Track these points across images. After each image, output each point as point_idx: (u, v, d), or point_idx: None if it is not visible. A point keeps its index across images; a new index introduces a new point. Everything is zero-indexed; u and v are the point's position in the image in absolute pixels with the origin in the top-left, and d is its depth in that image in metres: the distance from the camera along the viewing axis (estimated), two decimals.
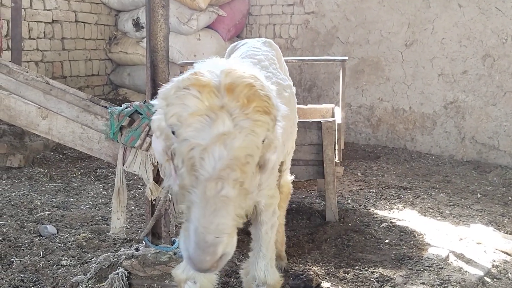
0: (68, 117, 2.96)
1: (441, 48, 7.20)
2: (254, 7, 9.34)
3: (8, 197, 4.78)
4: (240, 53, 3.02)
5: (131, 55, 8.65)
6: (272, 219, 2.51)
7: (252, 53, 2.98)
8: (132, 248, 3.23)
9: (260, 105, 1.51)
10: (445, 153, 7.23)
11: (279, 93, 2.78)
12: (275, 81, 2.83)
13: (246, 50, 3.04)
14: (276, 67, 3.01)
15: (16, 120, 3.06)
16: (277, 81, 2.86)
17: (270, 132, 1.58)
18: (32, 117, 3.01)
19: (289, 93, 2.98)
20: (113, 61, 9.08)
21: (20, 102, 3.02)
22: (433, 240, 4.06)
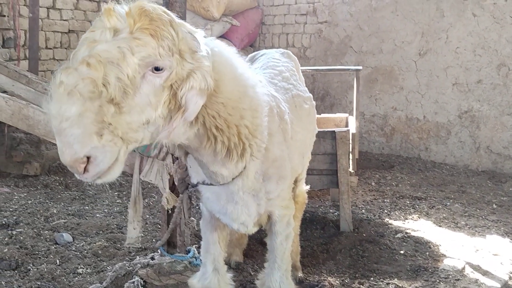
0: None
1: (455, 58, 7.17)
2: (267, 16, 9.40)
3: (25, 205, 4.83)
4: (261, 64, 3.04)
5: None
6: (286, 230, 2.52)
7: (273, 64, 3.00)
8: (148, 257, 3.25)
9: (147, 27, 1.53)
10: (459, 163, 7.18)
11: (300, 105, 2.80)
12: (296, 93, 2.84)
13: (267, 61, 3.06)
14: (296, 78, 3.03)
15: (34, 130, 3.11)
16: (298, 93, 2.87)
17: (164, 58, 1.56)
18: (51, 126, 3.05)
19: (309, 105, 2.99)
20: None
21: (39, 111, 3.07)
22: (448, 251, 4.02)
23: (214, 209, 2.39)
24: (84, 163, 1.46)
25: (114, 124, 1.47)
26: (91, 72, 1.44)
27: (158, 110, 1.59)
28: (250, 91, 2.01)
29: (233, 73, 1.91)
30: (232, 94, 1.87)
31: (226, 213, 2.32)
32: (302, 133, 2.72)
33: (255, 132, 2.02)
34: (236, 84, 1.91)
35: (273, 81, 2.76)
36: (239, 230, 2.41)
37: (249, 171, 2.16)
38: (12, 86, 3.42)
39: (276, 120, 2.33)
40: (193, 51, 1.66)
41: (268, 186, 2.28)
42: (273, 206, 2.41)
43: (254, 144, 2.03)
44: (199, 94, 1.66)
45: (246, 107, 1.95)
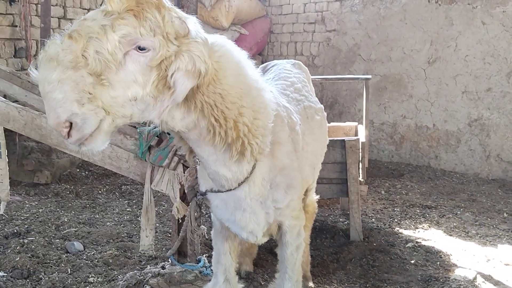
0: None
1: (464, 66, 7.16)
2: (275, 25, 9.44)
3: (36, 213, 4.87)
4: (273, 75, 3.05)
5: None
6: (297, 240, 2.52)
7: (285, 75, 3.01)
8: (158, 266, 3.27)
9: (132, 8, 1.62)
10: (469, 171, 7.14)
11: (312, 116, 2.81)
12: (308, 105, 2.85)
13: (279, 72, 3.07)
14: (308, 89, 3.04)
15: (47, 139, 3.14)
16: (310, 104, 2.88)
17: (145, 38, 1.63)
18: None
19: (321, 116, 3.00)
20: None
21: None
22: (459, 260, 4.00)
23: (223, 217, 2.40)
24: (67, 128, 1.59)
25: (95, 95, 1.58)
26: (71, 43, 1.57)
27: (146, 88, 1.67)
28: (254, 92, 2.03)
29: (237, 70, 1.95)
30: (233, 89, 1.92)
31: (235, 221, 2.33)
32: (313, 145, 2.72)
33: (255, 132, 2.03)
34: (239, 81, 1.95)
35: (285, 92, 2.78)
36: (248, 239, 2.41)
37: (255, 177, 2.17)
38: (25, 97, 3.46)
39: (286, 130, 2.34)
40: (180, 34, 1.71)
41: (275, 194, 2.29)
42: (283, 216, 2.41)
43: (254, 144, 2.03)
44: (185, 75, 1.71)
45: (247, 106, 1.98)
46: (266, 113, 2.08)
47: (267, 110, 2.10)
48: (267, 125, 2.09)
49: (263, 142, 2.08)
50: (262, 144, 2.07)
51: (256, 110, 2.02)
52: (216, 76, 1.85)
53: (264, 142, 2.09)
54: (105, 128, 1.64)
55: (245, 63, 2.02)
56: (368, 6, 8.09)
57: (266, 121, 2.08)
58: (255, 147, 2.04)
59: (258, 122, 2.03)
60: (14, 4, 6.71)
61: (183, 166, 2.88)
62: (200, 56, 1.74)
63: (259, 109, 2.04)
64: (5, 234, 4.21)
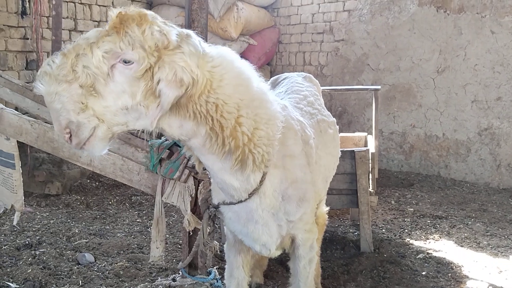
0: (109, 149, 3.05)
1: (474, 75, 7.14)
2: (284, 35, 9.48)
3: (47, 224, 4.90)
4: (285, 88, 3.07)
5: None
6: (310, 253, 2.52)
7: (297, 88, 3.03)
8: (169, 278, 3.27)
9: (116, 26, 1.77)
10: (480, 180, 7.10)
11: (325, 130, 2.83)
12: (321, 118, 2.86)
13: (291, 85, 3.09)
14: (320, 103, 3.06)
15: (59, 152, 3.17)
16: (323, 118, 2.90)
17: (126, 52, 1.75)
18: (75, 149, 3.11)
19: (334, 130, 3.01)
20: None
21: None
22: (471, 272, 3.97)
23: (237, 230, 2.42)
24: (68, 134, 1.79)
25: (88, 105, 1.75)
26: (64, 60, 1.75)
27: (136, 98, 1.79)
28: (256, 103, 2.04)
29: (236, 80, 1.98)
30: (230, 99, 1.94)
31: (248, 233, 2.34)
32: (326, 158, 2.74)
33: (257, 142, 2.04)
34: (237, 91, 1.97)
35: (299, 105, 2.80)
36: (262, 252, 2.42)
37: (266, 188, 2.19)
38: (37, 110, 3.50)
39: (299, 143, 2.35)
40: (161, 46, 1.79)
41: (287, 207, 2.29)
42: (296, 230, 2.42)
43: (256, 153, 2.05)
44: (168, 85, 1.78)
45: (246, 116, 1.99)
46: (270, 124, 2.09)
47: (272, 121, 2.10)
48: (272, 136, 2.10)
49: (267, 152, 2.09)
50: (266, 154, 2.08)
51: (258, 121, 2.04)
52: (210, 86, 1.89)
53: (269, 152, 2.10)
54: (99, 134, 1.80)
55: (247, 74, 2.04)
56: (376, 16, 8.11)
57: (271, 132, 2.09)
58: (257, 156, 2.06)
59: (260, 132, 2.05)
60: (25, 17, 6.81)
61: (194, 179, 2.90)
62: (184, 66, 1.80)
63: (262, 120, 2.05)
64: (17, 245, 4.24)
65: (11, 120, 3.20)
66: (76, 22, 7.68)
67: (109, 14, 1.83)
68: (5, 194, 3.32)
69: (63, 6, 7.05)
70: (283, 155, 2.25)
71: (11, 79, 3.50)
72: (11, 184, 3.27)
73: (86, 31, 1.87)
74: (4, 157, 3.23)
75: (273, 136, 2.10)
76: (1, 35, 6.51)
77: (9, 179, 3.26)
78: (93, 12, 7.98)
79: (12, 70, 6.61)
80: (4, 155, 3.23)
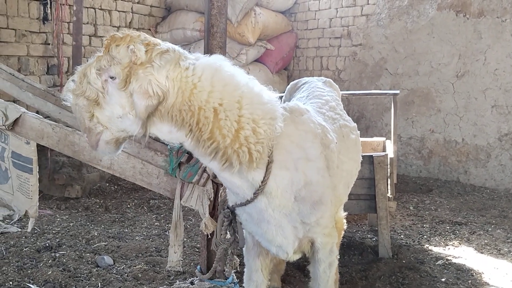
0: (129, 153, 3.09)
1: (494, 79, 7.05)
2: (301, 40, 9.48)
3: (67, 227, 4.96)
4: (307, 93, 3.08)
5: None
6: (329, 257, 2.51)
7: (319, 93, 3.04)
8: (187, 282, 3.28)
9: (105, 47, 2.05)
10: (500, 186, 6.99)
11: (347, 135, 2.83)
12: (343, 123, 2.86)
13: (312, 90, 3.10)
14: (341, 108, 3.06)
15: (79, 156, 3.21)
16: (345, 123, 2.90)
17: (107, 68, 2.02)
18: (95, 153, 3.15)
19: (356, 135, 3.01)
20: None
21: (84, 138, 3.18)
22: (491, 279, 3.91)
23: (253, 230, 2.47)
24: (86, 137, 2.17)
25: (94, 114, 2.07)
26: (77, 78, 2.08)
27: (125, 108, 2.05)
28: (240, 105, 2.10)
29: (209, 87, 2.07)
30: (207, 105, 2.06)
31: (262, 234, 2.38)
32: (348, 163, 2.73)
33: (243, 141, 2.10)
34: (213, 98, 2.07)
35: (321, 110, 2.80)
36: (278, 254, 2.43)
37: (271, 188, 2.23)
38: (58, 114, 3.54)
39: (317, 147, 2.37)
40: (134, 62, 2.01)
41: (301, 208, 2.32)
42: (314, 233, 2.42)
43: (241, 152, 2.11)
44: (138, 96, 1.99)
45: (226, 118, 2.08)
46: (260, 124, 2.14)
47: (264, 120, 2.15)
48: (263, 135, 2.14)
49: (257, 150, 2.13)
50: (256, 152, 2.13)
51: (243, 121, 2.10)
52: (183, 95, 2.05)
53: (259, 150, 2.14)
54: (104, 138, 2.11)
55: (227, 80, 2.12)
56: (395, 20, 8.07)
57: (262, 131, 2.13)
58: (242, 155, 2.11)
59: (246, 132, 2.10)
60: (47, 23, 6.93)
61: (213, 183, 2.91)
62: (151, 79, 2.00)
63: (248, 120, 2.11)
64: (37, 247, 4.30)
65: (33, 124, 3.25)
66: (96, 28, 7.78)
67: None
68: (20, 200, 3.35)
69: (84, 12, 7.16)
70: (298, 158, 2.28)
71: (33, 83, 3.55)
72: (27, 189, 3.30)
73: (106, 37, 2.10)
74: (22, 161, 3.28)
75: (264, 135, 2.14)
76: (23, 40, 6.63)
77: (26, 184, 3.30)
78: (113, 17, 8.09)
79: (33, 75, 6.73)
80: (23, 159, 3.27)
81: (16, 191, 3.36)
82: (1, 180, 3.42)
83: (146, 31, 8.86)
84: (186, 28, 8.65)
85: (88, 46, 7.64)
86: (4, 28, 6.39)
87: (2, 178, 3.41)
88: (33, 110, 3.88)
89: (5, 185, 3.40)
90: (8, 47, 6.44)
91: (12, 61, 6.45)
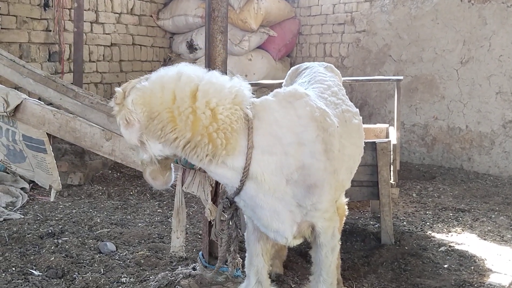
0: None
1: (498, 66, 6.99)
2: (304, 26, 9.40)
3: (69, 214, 4.97)
4: (308, 78, 3.05)
5: None
6: (331, 242, 2.51)
7: (321, 78, 3.01)
8: (189, 267, 3.30)
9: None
10: (504, 173, 6.97)
11: (350, 120, 2.81)
12: (346, 108, 2.84)
13: (314, 75, 3.07)
14: (343, 93, 3.04)
15: (81, 142, 3.20)
16: (347, 108, 2.88)
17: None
18: (97, 139, 3.14)
19: (358, 120, 2.99)
20: None
21: (85, 124, 3.16)
22: (494, 265, 3.90)
23: (251, 216, 2.49)
24: None
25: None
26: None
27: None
28: (183, 106, 2.18)
29: (153, 100, 2.21)
30: (159, 117, 2.19)
31: (258, 219, 2.41)
32: (351, 148, 2.71)
33: (202, 132, 2.17)
34: (155, 111, 2.20)
35: (323, 95, 2.78)
36: (277, 239, 2.43)
37: (256, 174, 2.25)
38: (60, 100, 3.51)
39: (312, 131, 2.36)
40: (120, 102, 2.24)
41: (295, 191, 2.32)
42: (314, 218, 2.41)
43: (202, 143, 2.17)
44: (121, 127, 2.27)
45: (179, 114, 2.17)
46: (218, 111, 2.18)
47: (220, 107, 2.19)
48: (221, 121, 2.18)
49: (220, 138, 2.18)
50: (219, 140, 2.17)
51: (196, 113, 2.16)
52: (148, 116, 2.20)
53: (223, 137, 2.18)
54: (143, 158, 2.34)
55: (169, 86, 2.21)
56: (399, 6, 7.99)
57: (219, 118, 2.18)
58: (204, 146, 2.18)
59: (203, 122, 2.16)
60: (48, 10, 6.88)
61: None
62: (125, 112, 2.22)
63: (203, 110, 2.16)
64: (40, 234, 4.31)
65: (34, 110, 3.24)
66: (97, 14, 7.73)
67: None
68: (42, 175, 3.39)
69: None
70: (289, 142, 2.29)
71: (34, 69, 3.53)
72: (45, 167, 3.33)
73: (107, 23, 2.17)
74: (34, 143, 3.28)
75: (225, 121, 2.18)
76: (24, 27, 6.60)
77: (43, 163, 3.32)
78: (114, 4, 8.02)
79: (35, 62, 6.70)
80: (35, 141, 3.28)
81: (36, 168, 3.39)
82: (18, 159, 3.43)
83: (148, 17, 8.81)
84: (188, 15, 8.60)
85: (90, 32, 7.60)
86: (5, 14, 6.36)
87: (19, 158, 3.42)
88: (35, 96, 3.86)
89: (23, 163, 3.43)
90: (9, 33, 6.41)
91: (13, 48, 6.43)
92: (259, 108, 2.32)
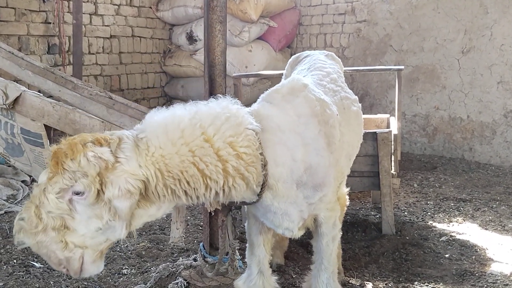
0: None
1: (500, 55, 6.96)
2: (304, 17, 9.35)
3: None
4: (308, 65, 3.04)
5: (184, 67, 8.85)
6: (332, 231, 2.51)
7: (320, 65, 3.00)
8: (190, 258, 3.30)
9: (54, 168, 1.89)
10: (505, 163, 6.95)
11: (348, 107, 2.80)
12: (344, 95, 2.83)
13: (313, 62, 3.06)
14: (343, 80, 3.03)
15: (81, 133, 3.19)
16: (346, 95, 2.87)
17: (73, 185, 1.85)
18: (96, 131, 3.13)
19: (357, 107, 2.98)
20: (167, 73, 9.31)
21: (85, 116, 3.15)
22: (496, 255, 3.90)
23: (261, 217, 2.48)
24: (64, 269, 1.92)
25: (67, 240, 1.86)
26: (28, 214, 1.86)
27: (104, 218, 1.86)
28: (207, 148, 2.00)
29: (173, 151, 1.96)
30: (183, 165, 1.97)
31: (270, 222, 2.41)
32: (349, 135, 2.70)
33: (234, 174, 2.05)
34: (183, 159, 1.98)
35: (322, 83, 2.76)
36: (285, 234, 2.46)
37: (271, 185, 2.20)
38: (58, 92, 3.51)
39: (314, 128, 2.33)
40: (101, 169, 1.83)
41: (305, 192, 2.31)
42: (317, 210, 2.41)
43: (236, 185, 2.07)
44: (118, 200, 1.84)
45: (206, 166, 1.99)
46: (239, 145, 2.05)
47: (240, 140, 2.06)
48: (247, 155, 2.06)
49: (251, 172, 2.08)
50: (251, 175, 2.08)
51: (222, 157, 2.01)
52: (160, 173, 1.93)
53: (253, 171, 2.08)
54: (88, 259, 1.91)
55: (181, 127, 1.99)
56: None
57: (244, 152, 2.05)
58: (238, 188, 2.07)
59: (232, 164, 2.03)
60: (47, 2, 6.85)
61: None
62: (126, 176, 1.85)
63: (226, 151, 2.02)
64: None
65: (33, 102, 3.23)
66: (96, 6, 7.69)
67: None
68: (39, 170, 3.39)
69: None
70: (294, 145, 2.25)
71: (32, 61, 3.52)
72: (42, 161, 3.32)
73: (106, 15, 1.86)
74: (32, 137, 3.28)
75: (250, 152, 2.07)
76: (23, 19, 6.57)
77: (40, 157, 3.32)
78: None
79: (34, 55, 6.68)
80: (32, 135, 3.28)
81: (33, 163, 3.39)
82: (16, 153, 3.44)
83: (147, 9, 8.77)
84: (187, 6, 8.55)
85: (89, 24, 7.57)
86: (3, 7, 6.33)
87: (17, 152, 3.43)
88: (34, 89, 3.85)
89: (21, 157, 3.44)
90: (8, 26, 6.39)
91: (12, 41, 6.41)
92: (259, 119, 2.20)
